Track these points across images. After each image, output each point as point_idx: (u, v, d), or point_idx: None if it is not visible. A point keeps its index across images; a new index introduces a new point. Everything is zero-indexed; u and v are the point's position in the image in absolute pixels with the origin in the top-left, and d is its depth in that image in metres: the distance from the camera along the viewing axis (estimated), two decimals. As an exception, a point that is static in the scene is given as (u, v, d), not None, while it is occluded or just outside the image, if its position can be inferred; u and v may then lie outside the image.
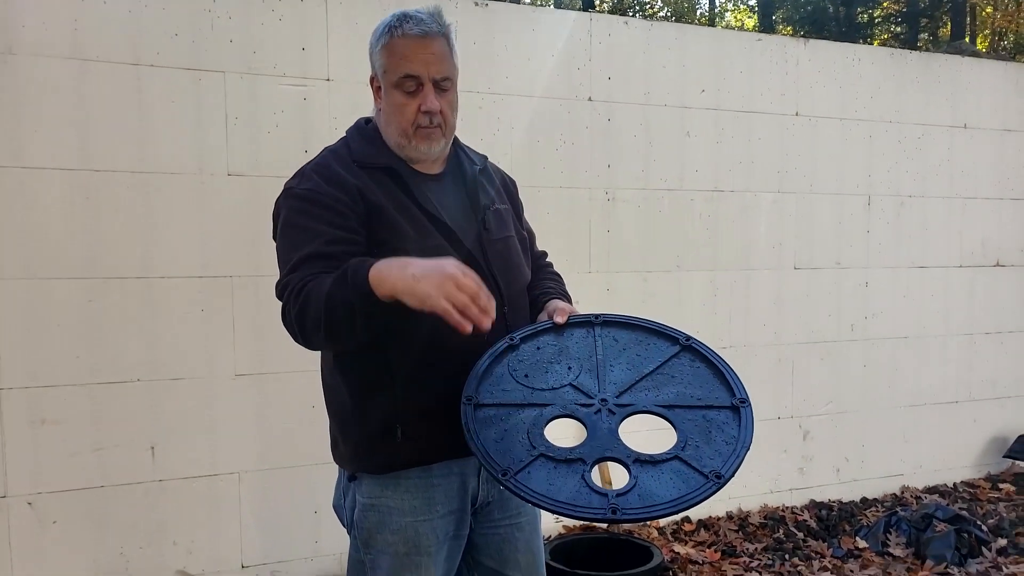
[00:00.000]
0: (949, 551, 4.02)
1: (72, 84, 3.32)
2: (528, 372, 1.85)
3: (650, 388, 1.86)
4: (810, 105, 4.79)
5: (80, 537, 3.39)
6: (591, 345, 1.94)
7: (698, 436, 1.76)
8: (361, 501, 1.93)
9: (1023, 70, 5.48)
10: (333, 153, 1.96)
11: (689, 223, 4.52)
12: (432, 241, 1.86)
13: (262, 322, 3.60)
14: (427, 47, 1.87)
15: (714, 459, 1.70)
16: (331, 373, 1.96)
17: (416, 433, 1.86)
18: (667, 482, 1.66)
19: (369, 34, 1.95)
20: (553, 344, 1.93)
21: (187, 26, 3.47)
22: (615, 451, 1.72)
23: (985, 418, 5.39)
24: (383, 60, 1.89)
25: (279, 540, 3.72)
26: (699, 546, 4.24)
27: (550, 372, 1.86)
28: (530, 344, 1.92)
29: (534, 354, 1.90)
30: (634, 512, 1.61)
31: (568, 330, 1.97)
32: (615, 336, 1.97)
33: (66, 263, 3.33)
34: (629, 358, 1.93)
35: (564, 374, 1.86)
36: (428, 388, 1.84)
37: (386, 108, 1.92)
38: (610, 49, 4.31)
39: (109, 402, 3.40)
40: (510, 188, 2.21)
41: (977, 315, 5.32)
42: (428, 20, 1.88)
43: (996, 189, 5.33)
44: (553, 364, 1.88)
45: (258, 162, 3.58)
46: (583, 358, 1.90)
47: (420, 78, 1.87)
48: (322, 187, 1.84)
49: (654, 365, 1.91)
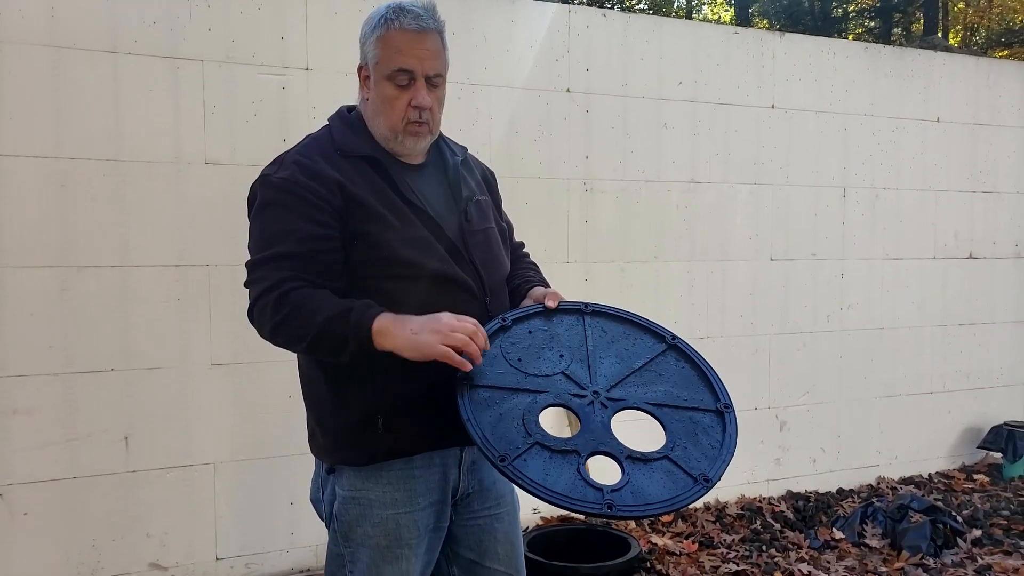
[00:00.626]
0: (924, 542, 4.05)
1: (48, 71, 3.28)
2: (521, 356, 1.85)
3: (639, 384, 1.88)
4: (786, 98, 4.81)
5: (51, 529, 3.35)
6: (581, 334, 1.94)
7: (685, 437, 1.80)
8: (341, 494, 1.91)
9: (994, 65, 5.56)
10: (315, 141, 1.94)
11: (666, 214, 4.53)
12: (415, 232, 1.86)
13: (239, 312, 3.52)
14: (423, 42, 1.86)
15: (701, 462, 1.75)
16: (309, 363, 1.95)
17: (398, 424, 1.85)
18: (659, 482, 1.70)
19: (348, 24, 1.96)
20: (543, 329, 1.93)
21: (165, 14, 3.44)
22: (609, 446, 1.74)
23: (959, 409, 5.45)
24: (376, 51, 1.88)
25: (254, 532, 3.70)
26: (677, 537, 4.26)
27: (542, 358, 1.86)
28: (521, 327, 1.92)
29: (525, 337, 1.89)
30: (629, 510, 1.66)
31: (558, 316, 1.97)
32: (604, 327, 1.98)
33: (40, 251, 3.29)
34: (618, 351, 1.94)
35: (556, 361, 1.86)
36: (411, 379, 1.82)
37: (375, 99, 1.91)
38: (588, 41, 4.31)
39: (83, 392, 3.37)
40: (490, 180, 2.21)
41: (951, 307, 5.38)
42: (425, 15, 1.87)
43: (968, 182, 5.39)
44: (545, 350, 1.88)
45: (236, 151, 3.55)
46: (574, 347, 1.91)
47: (414, 73, 1.86)
48: (298, 178, 1.82)
49: (642, 361, 1.93)
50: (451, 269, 1.89)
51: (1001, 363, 5.57)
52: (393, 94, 1.87)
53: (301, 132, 2.08)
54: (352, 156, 1.89)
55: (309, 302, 1.73)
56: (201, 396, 3.56)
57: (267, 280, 1.76)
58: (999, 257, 5.51)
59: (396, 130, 1.90)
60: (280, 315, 1.73)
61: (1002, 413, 5.53)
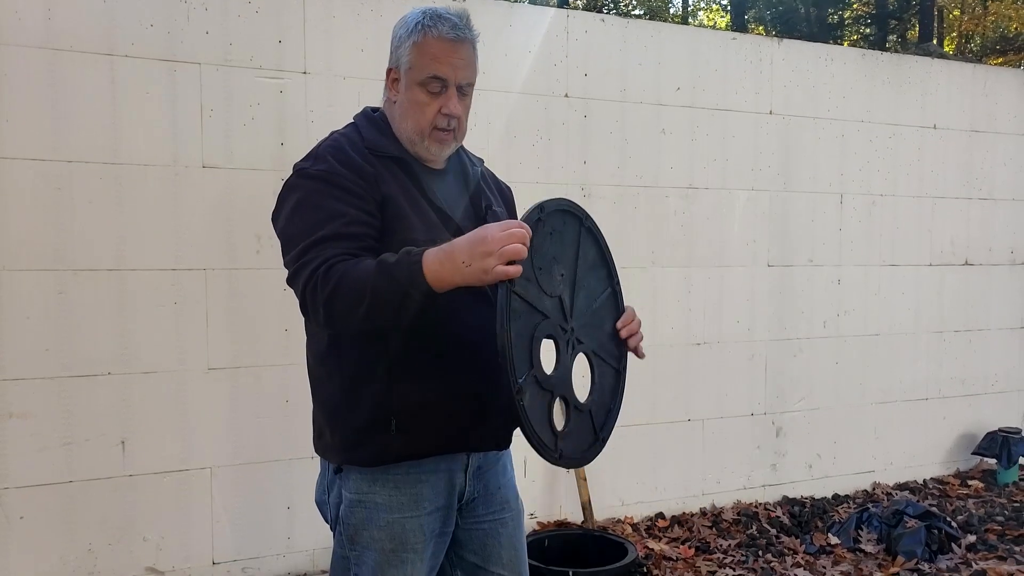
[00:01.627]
0: (919, 547, 4.06)
1: (45, 74, 3.27)
2: (541, 265, 1.78)
3: (590, 327, 1.91)
4: (784, 104, 4.82)
5: (47, 533, 3.34)
6: (574, 252, 1.89)
7: (598, 392, 1.91)
8: (348, 496, 1.90)
9: (991, 72, 5.57)
10: (345, 137, 1.93)
11: (664, 220, 4.53)
12: (439, 235, 1.85)
13: (236, 315, 3.58)
14: (458, 51, 1.88)
15: (600, 418, 1.92)
16: (320, 361, 1.93)
17: (411, 426, 1.83)
18: (581, 434, 1.86)
19: (345, 28, 1.96)
20: (558, 232, 1.84)
21: (163, 17, 3.43)
22: (567, 391, 1.82)
23: (954, 415, 5.47)
24: (411, 56, 1.88)
25: (251, 536, 3.69)
26: (673, 542, 4.26)
27: (552, 273, 1.81)
28: (550, 222, 1.82)
29: (546, 241, 1.80)
30: (570, 460, 1.83)
31: (566, 217, 1.89)
32: (587, 250, 1.93)
33: (36, 254, 3.28)
34: (590, 284, 1.93)
35: (558, 281, 1.82)
36: (428, 381, 1.81)
37: (404, 102, 1.91)
38: (587, 46, 4.32)
39: (79, 396, 3.35)
40: (506, 194, 2.23)
41: (947, 313, 5.39)
42: (461, 25, 1.88)
43: (965, 189, 5.41)
44: (554, 263, 1.82)
45: (233, 154, 3.55)
46: (568, 267, 1.86)
47: (447, 81, 1.87)
48: (338, 169, 1.82)
49: (595, 303, 1.94)
50: None
51: (996, 369, 5.58)
52: (424, 100, 1.88)
53: (299, 136, 2.09)
54: (382, 155, 1.89)
55: (354, 269, 1.68)
56: (198, 400, 3.55)
57: (313, 262, 1.72)
58: (994, 264, 5.53)
59: (423, 134, 1.90)
60: (328, 288, 1.68)
61: (997, 419, 5.54)
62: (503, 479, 2.07)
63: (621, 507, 4.50)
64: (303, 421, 3.65)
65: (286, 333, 3.64)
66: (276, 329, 3.64)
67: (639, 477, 4.53)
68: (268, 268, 3.57)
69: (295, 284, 1.77)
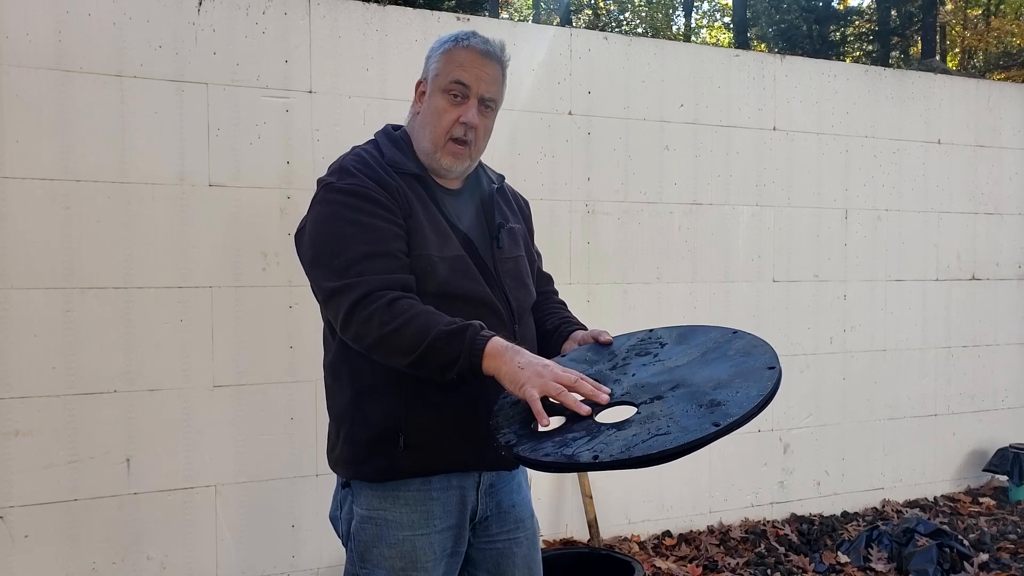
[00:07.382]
0: (931, 566, 4.02)
1: (55, 94, 3.30)
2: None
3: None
4: (787, 120, 4.83)
5: (52, 551, 3.33)
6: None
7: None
8: (359, 513, 1.88)
9: (995, 87, 5.57)
10: (367, 153, 1.93)
11: (668, 235, 4.54)
12: (452, 252, 1.86)
13: (241, 333, 3.58)
14: (485, 65, 1.91)
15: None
16: (335, 375, 1.93)
17: (419, 442, 1.82)
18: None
19: (351, 47, 1.99)
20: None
21: (171, 38, 3.47)
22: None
23: (964, 432, 5.43)
24: (439, 64, 1.91)
25: (256, 554, 3.68)
26: (680, 561, 4.23)
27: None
28: None
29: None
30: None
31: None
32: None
33: (44, 273, 3.29)
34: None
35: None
36: (438, 397, 1.80)
37: (426, 111, 1.93)
38: (590, 64, 4.34)
39: (85, 413, 3.36)
40: (524, 210, 2.24)
41: (954, 328, 5.37)
42: (494, 44, 1.93)
43: (970, 203, 5.40)
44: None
45: (239, 173, 3.57)
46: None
47: (470, 89, 1.89)
48: (367, 183, 1.82)
49: None
50: (485, 293, 1.88)
51: (1005, 385, 5.55)
52: (444, 107, 1.90)
53: (304, 154, 2.09)
54: (402, 172, 1.90)
55: (422, 316, 1.68)
56: (203, 418, 3.55)
57: (365, 285, 1.71)
58: (1002, 279, 5.51)
59: (438, 144, 1.91)
60: (390, 327, 1.67)
61: (1007, 435, 5.51)
62: (517, 497, 2.05)
63: (628, 525, 4.47)
64: (308, 439, 3.68)
65: (291, 350, 3.64)
66: (281, 346, 3.65)
67: (646, 495, 4.51)
68: (274, 286, 3.58)
69: (339, 299, 1.74)
